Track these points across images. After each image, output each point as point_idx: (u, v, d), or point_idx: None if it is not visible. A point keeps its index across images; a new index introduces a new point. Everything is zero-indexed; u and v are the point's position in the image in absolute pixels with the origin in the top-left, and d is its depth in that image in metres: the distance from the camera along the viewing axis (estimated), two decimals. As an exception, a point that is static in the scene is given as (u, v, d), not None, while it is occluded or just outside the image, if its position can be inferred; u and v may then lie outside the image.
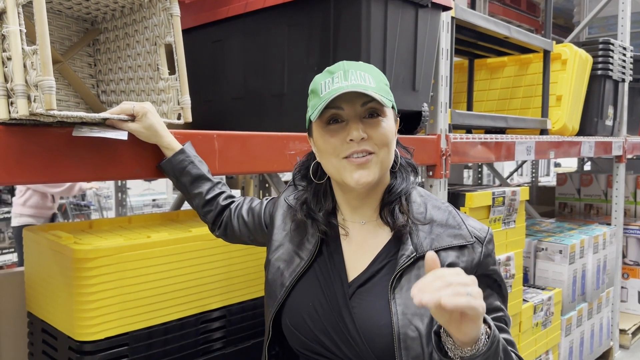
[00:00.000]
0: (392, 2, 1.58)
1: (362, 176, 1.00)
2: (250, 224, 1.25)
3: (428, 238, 1.03)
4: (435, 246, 1.02)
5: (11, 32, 0.87)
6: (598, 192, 4.09)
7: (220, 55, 1.93)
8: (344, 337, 1.02)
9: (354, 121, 1.00)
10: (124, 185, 3.56)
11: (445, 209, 1.09)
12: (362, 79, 1.00)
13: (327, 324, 1.03)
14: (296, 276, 1.08)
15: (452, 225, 1.05)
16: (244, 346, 1.56)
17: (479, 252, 1.04)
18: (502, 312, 1.05)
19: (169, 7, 1.17)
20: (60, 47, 1.31)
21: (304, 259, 1.09)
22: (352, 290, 1.04)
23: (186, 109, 1.18)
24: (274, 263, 1.13)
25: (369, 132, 1.00)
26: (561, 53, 2.81)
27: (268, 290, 1.13)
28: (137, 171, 1.16)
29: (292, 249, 1.12)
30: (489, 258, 1.05)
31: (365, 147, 1.00)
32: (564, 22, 5.35)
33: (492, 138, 2.20)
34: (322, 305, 1.05)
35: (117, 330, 1.30)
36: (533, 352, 2.46)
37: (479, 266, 1.03)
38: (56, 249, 1.33)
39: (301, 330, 1.05)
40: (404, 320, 0.98)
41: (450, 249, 1.02)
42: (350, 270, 1.07)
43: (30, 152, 0.97)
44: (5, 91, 0.91)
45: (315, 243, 1.09)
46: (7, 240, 4.31)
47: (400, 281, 1.01)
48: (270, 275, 1.12)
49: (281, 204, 1.19)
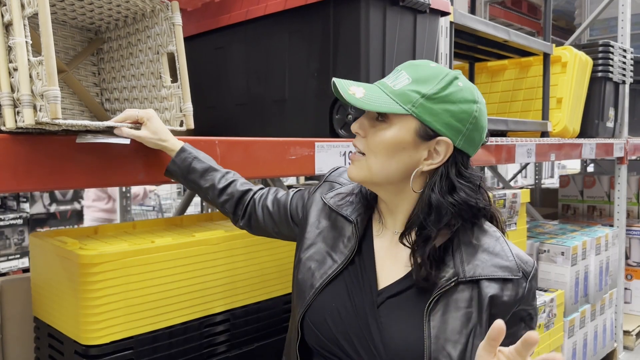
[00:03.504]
0: (391, 9, 1.60)
1: (350, 171, 1.01)
2: (275, 215, 1.22)
3: (472, 264, 0.97)
4: (480, 274, 0.96)
5: (17, 43, 0.90)
6: (601, 193, 4.09)
7: (223, 62, 1.95)
8: (365, 345, 0.99)
9: (366, 115, 1.01)
10: (128, 191, 3.59)
11: (493, 235, 1.02)
12: (394, 79, 0.99)
13: (350, 328, 1.01)
14: (327, 278, 1.05)
15: (499, 254, 0.99)
16: (248, 349, 1.58)
17: (524, 287, 0.98)
18: None
19: (171, 16, 1.19)
20: (64, 56, 1.34)
21: (337, 261, 1.06)
22: (382, 299, 1.01)
23: (188, 116, 1.20)
24: (305, 262, 1.10)
25: (369, 132, 0.99)
26: (561, 56, 2.82)
27: (297, 289, 1.10)
28: (142, 177, 1.18)
29: (324, 250, 1.09)
30: (532, 294, 1.00)
31: (356, 143, 1.01)
32: (566, 24, 5.36)
33: (493, 141, 2.22)
34: (347, 309, 1.02)
35: (122, 335, 1.32)
36: (536, 354, 2.44)
37: (520, 301, 0.98)
38: (62, 255, 1.35)
39: (321, 330, 1.03)
40: (436, 345, 0.95)
41: (494, 279, 0.97)
42: (382, 278, 1.03)
43: (36, 160, 1.00)
44: (11, 101, 0.93)
45: (351, 247, 1.06)
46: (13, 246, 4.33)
47: (437, 304, 0.96)
48: (301, 275, 1.09)
49: (316, 201, 1.15)
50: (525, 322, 1.01)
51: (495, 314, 0.97)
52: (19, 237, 4.33)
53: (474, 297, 0.97)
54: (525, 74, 2.99)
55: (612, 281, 3.24)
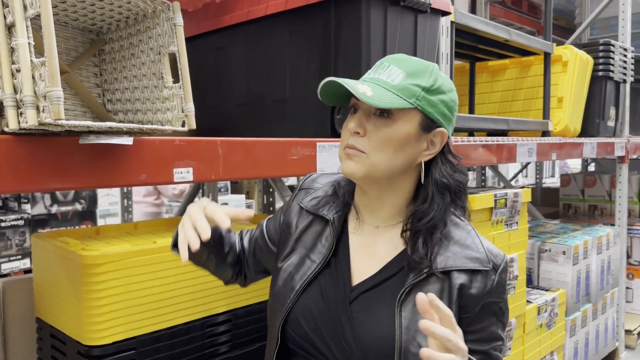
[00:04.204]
0: (392, 8, 1.60)
1: (347, 167, 0.99)
2: (258, 255, 1.22)
3: (443, 255, 1.00)
4: (450, 265, 1.00)
5: (20, 45, 0.90)
6: (602, 192, 4.09)
7: (224, 62, 1.95)
8: (337, 341, 1.00)
9: (361, 113, 1.00)
10: (130, 191, 3.59)
11: (464, 228, 1.05)
12: (387, 74, 0.98)
13: (321, 324, 1.02)
14: (307, 279, 1.06)
15: (470, 246, 1.02)
16: (250, 349, 1.58)
17: (492, 279, 1.01)
18: (501, 341, 1.05)
19: (173, 17, 1.19)
20: (66, 57, 1.34)
21: (315, 261, 1.07)
22: (356, 294, 1.03)
23: (190, 116, 1.20)
24: (285, 269, 1.11)
25: (370, 130, 0.98)
26: (562, 55, 2.82)
27: (278, 295, 1.10)
28: (144, 177, 1.18)
29: (303, 253, 1.10)
30: (501, 287, 1.03)
31: (354, 144, 0.98)
32: (566, 24, 5.36)
33: (494, 140, 2.22)
34: (319, 306, 1.03)
35: (124, 335, 1.32)
36: (537, 353, 2.46)
37: (489, 294, 1.01)
38: (64, 255, 1.35)
39: (294, 329, 1.04)
40: (407, 335, 0.97)
41: (464, 270, 1.00)
42: (356, 274, 1.05)
43: (39, 161, 1.00)
44: (14, 102, 0.94)
45: (329, 246, 1.07)
46: (15, 247, 4.33)
47: (409, 296, 0.99)
48: (282, 282, 1.10)
49: (295, 210, 1.16)
50: (497, 317, 1.04)
51: (464, 305, 1.00)
52: (20, 238, 4.33)
53: (444, 288, 0.99)
54: (526, 73, 2.99)
55: (613, 280, 3.24)
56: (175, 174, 1.22)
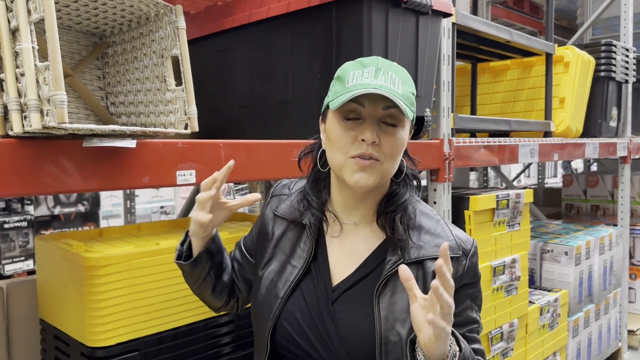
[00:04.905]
0: (393, 10, 1.60)
1: (362, 178, 0.98)
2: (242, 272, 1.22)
3: (415, 246, 1.04)
4: (423, 255, 1.03)
5: (24, 49, 0.91)
6: (604, 193, 4.09)
7: (226, 64, 1.96)
8: (322, 341, 1.02)
9: (371, 122, 0.97)
10: (133, 193, 3.60)
11: (434, 217, 1.10)
12: (391, 82, 0.97)
13: (306, 326, 1.03)
14: (291, 285, 1.06)
15: (440, 235, 1.06)
16: (252, 350, 1.59)
17: (464, 264, 1.05)
18: (477, 324, 1.08)
19: (175, 20, 1.20)
20: (70, 61, 1.35)
21: (296, 266, 1.08)
22: (337, 294, 1.04)
23: (193, 119, 1.21)
24: (266, 276, 1.11)
25: (382, 139, 0.98)
26: (563, 55, 2.82)
27: (262, 303, 1.10)
28: (147, 180, 1.19)
29: (283, 259, 1.10)
30: (472, 271, 1.07)
31: (373, 153, 0.97)
32: (568, 24, 5.36)
33: (495, 141, 2.22)
34: (301, 309, 1.04)
35: (128, 336, 1.33)
36: (540, 354, 2.46)
37: (462, 278, 1.04)
38: (67, 257, 1.36)
39: (280, 334, 1.06)
40: (386, 325, 0.99)
41: (436, 258, 1.00)
42: (335, 273, 1.07)
43: (43, 164, 1.01)
44: (19, 106, 0.94)
45: (308, 250, 1.08)
46: (18, 248, 4.35)
47: (386, 287, 1.01)
48: (264, 290, 1.10)
49: (269, 218, 1.17)
50: (472, 300, 1.07)
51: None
52: (24, 240, 4.35)
53: (419, 277, 1.02)
54: (528, 74, 2.99)
55: (616, 281, 3.24)
56: (178, 177, 1.23)
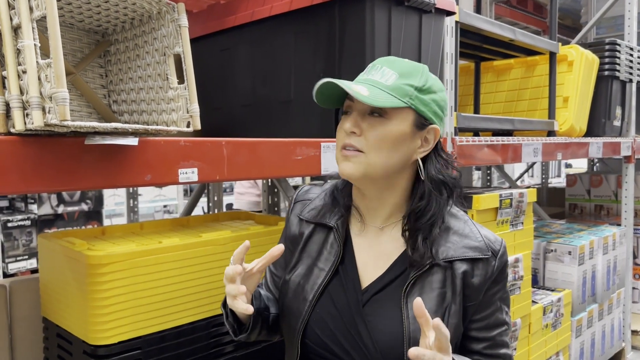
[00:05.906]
0: (396, 9, 1.60)
1: (346, 168, 1.01)
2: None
3: (444, 246, 1.03)
4: (452, 255, 1.03)
5: (26, 46, 0.91)
6: (608, 192, 4.07)
7: (229, 63, 1.96)
8: (355, 345, 1.01)
9: (355, 114, 1.02)
10: (136, 191, 3.60)
11: (461, 218, 1.09)
12: (380, 75, 1.01)
13: (336, 330, 1.03)
14: (319, 288, 1.06)
15: (468, 235, 1.05)
16: (255, 349, 1.59)
17: (493, 265, 1.04)
18: (506, 326, 1.07)
19: (178, 18, 1.20)
20: (72, 59, 1.35)
21: (324, 269, 1.08)
22: (367, 297, 1.04)
23: (195, 117, 1.21)
24: (293, 280, 1.11)
25: (366, 130, 1.00)
26: (567, 54, 2.81)
27: (290, 307, 1.10)
28: (149, 178, 1.19)
29: (309, 263, 1.10)
30: (502, 271, 1.06)
31: (352, 142, 1.00)
32: (572, 23, 5.34)
33: (499, 140, 2.21)
34: (331, 313, 1.04)
35: (130, 335, 1.33)
36: (543, 354, 2.46)
37: (491, 279, 1.04)
38: (70, 255, 1.36)
39: (310, 338, 1.05)
40: (415, 325, 0.98)
41: (465, 260, 1.03)
42: (364, 276, 1.06)
43: (45, 162, 1.00)
44: (20, 103, 0.94)
45: (336, 252, 1.08)
46: (22, 247, 4.36)
47: (414, 287, 1.02)
48: (291, 294, 1.10)
49: (294, 223, 1.17)
50: (502, 301, 1.07)
51: (469, 295, 1.03)
52: (27, 238, 4.36)
53: (447, 277, 1.02)
54: (532, 73, 2.98)
55: (619, 280, 3.23)
56: (180, 175, 1.22)
